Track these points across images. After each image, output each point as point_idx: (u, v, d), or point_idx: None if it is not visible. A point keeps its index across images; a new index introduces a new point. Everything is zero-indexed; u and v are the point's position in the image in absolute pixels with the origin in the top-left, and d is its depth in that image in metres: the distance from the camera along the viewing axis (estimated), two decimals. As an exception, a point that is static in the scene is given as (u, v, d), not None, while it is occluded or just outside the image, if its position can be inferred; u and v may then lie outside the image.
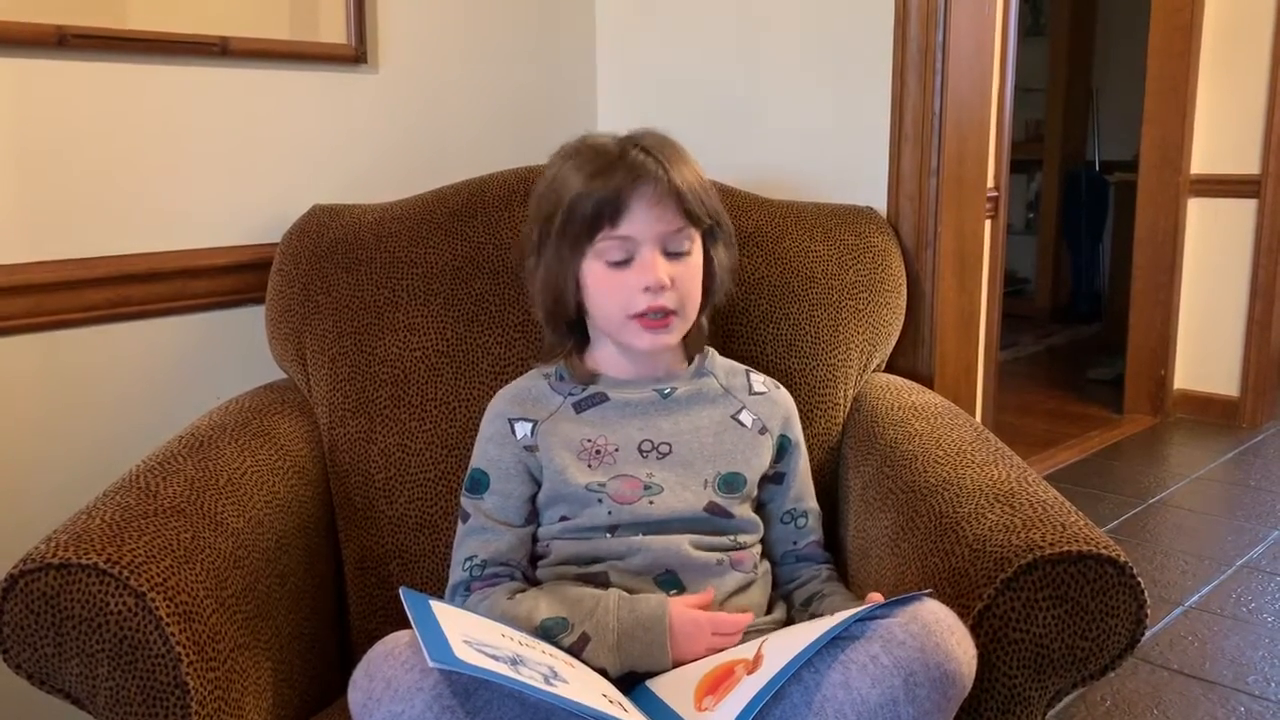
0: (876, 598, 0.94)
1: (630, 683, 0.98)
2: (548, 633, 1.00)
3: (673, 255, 1.09)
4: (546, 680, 0.83)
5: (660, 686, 0.95)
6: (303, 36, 1.54)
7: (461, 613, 0.92)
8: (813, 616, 1.11)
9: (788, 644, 0.87)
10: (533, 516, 1.15)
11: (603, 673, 0.99)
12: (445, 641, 0.82)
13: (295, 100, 1.55)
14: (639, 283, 1.08)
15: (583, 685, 0.87)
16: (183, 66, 1.43)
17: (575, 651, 0.99)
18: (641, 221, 1.07)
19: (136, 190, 1.42)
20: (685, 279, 1.10)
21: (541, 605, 1.04)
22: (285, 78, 1.54)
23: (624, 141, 1.11)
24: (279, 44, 1.51)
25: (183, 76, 1.44)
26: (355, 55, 1.59)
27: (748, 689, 0.84)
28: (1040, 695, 0.96)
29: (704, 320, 1.20)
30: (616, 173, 1.07)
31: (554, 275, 1.12)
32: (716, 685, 0.89)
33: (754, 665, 0.88)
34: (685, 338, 1.17)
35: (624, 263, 1.09)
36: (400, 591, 0.89)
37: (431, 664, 0.78)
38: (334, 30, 1.57)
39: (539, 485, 1.14)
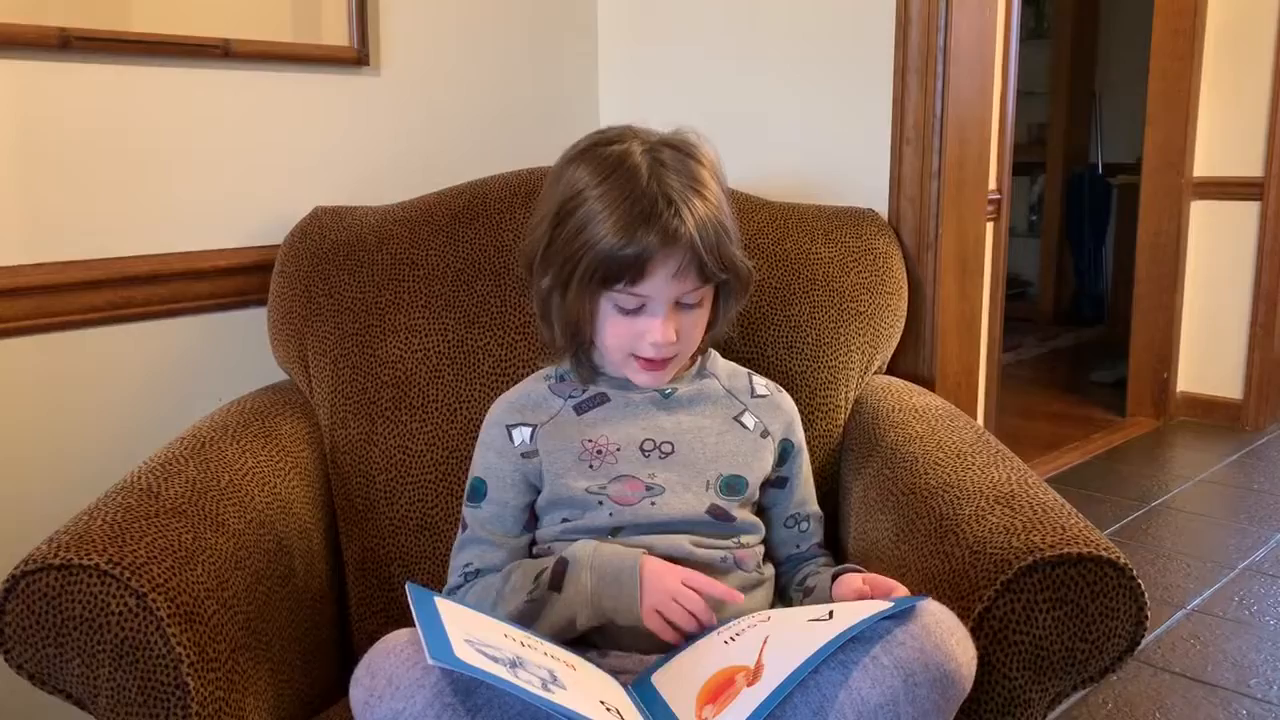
0: (868, 589, 0.96)
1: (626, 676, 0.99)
2: (549, 577, 1.05)
3: (683, 307, 1.09)
4: (545, 685, 0.83)
5: (664, 683, 0.95)
6: (305, 39, 1.54)
7: (466, 610, 0.92)
8: (806, 594, 1.12)
9: (788, 652, 0.86)
10: (531, 524, 1.15)
11: (573, 639, 1.01)
12: (446, 639, 0.82)
13: (298, 102, 1.56)
14: (647, 335, 1.08)
15: (581, 691, 0.87)
16: (185, 68, 1.44)
17: (556, 576, 1.03)
18: (660, 285, 1.06)
19: (139, 192, 1.42)
20: (690, 329, 1.11)
21: (526, 563, 1.09)
22: (287, 80, 1.54)
23: (653, 176, 1.05)
24: (281, 46, 1.51)
25: (185, 78, 1.44)
26: (357, 57, 1.59)
27: (747, 702, 0.84)
28: (1040, 697, 0.96)
29: (716, 339, 1.20)
30: (649, 236, 1.03)
31: (574, 311, 1.10)
32: (717, 694, 0.88)
33: (754, 676, 0.87)
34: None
35: (636, 311, 1.08)
36: (406, 586, 0.89)
37: (430, 661, 0.78)
38: (336, 32, 1.57)
39: (538, 492, 1.14)
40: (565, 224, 1.08)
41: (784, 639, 0.91)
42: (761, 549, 1.16)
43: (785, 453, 1.20)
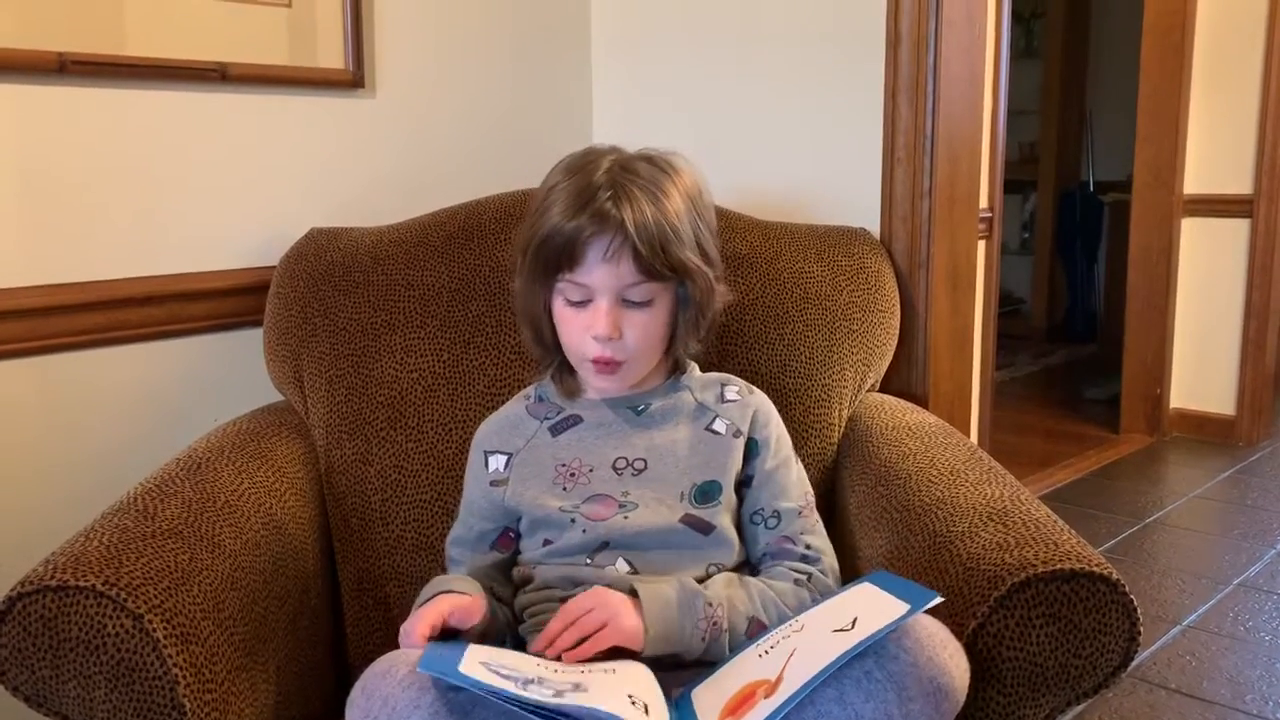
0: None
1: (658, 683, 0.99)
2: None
3: (631, 305, 1.09)
4: (558, 693, 0.83)
5: (700, 698, 0.95)
6: (301, 62, 1.55)
7: (502, 650, 0.93)
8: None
9: (807, 664, 0.87)
10: (503, 544, 1.17)
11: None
12: (445, 660, 0.83)
13: (293, 125, 1.57)
14: (590, 329, 1.09)
15: (605, 690, 0.87)
16: (182, 92, 1.45)
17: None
18: (596, 273, 1.07)
19: (135, 214, 1.43)
20: (639, 329, 1.10)
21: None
22: (284, 103, 1.55)
23: (611, 172, 1.09)
24: (277, 69, 1.52)
25: (182, 102, 1.45)
26: (353, 80, 1.60)
27: (760, 713, 0.85)
28: (1034, 713, 0.96)
29: (681, 353, 1.19)
30: (581, 217, 1.06)
31: (530, 304, 1.14)
32: (738, 707, 0.89)
33: (772, 688, 0.88)
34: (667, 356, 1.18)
35: (583, 303, 1.10)
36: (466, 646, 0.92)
37: (419, 670, 0.81)
38: (332, 55, 1.58)
39: (506, 519, 1.16)
40: (529, 226, 1.13)
41: (807, 650, 0.91)
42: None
43: (751, 449, 1.17)
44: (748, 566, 1.16)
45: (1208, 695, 1.99)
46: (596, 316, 1.08)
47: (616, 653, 0.98)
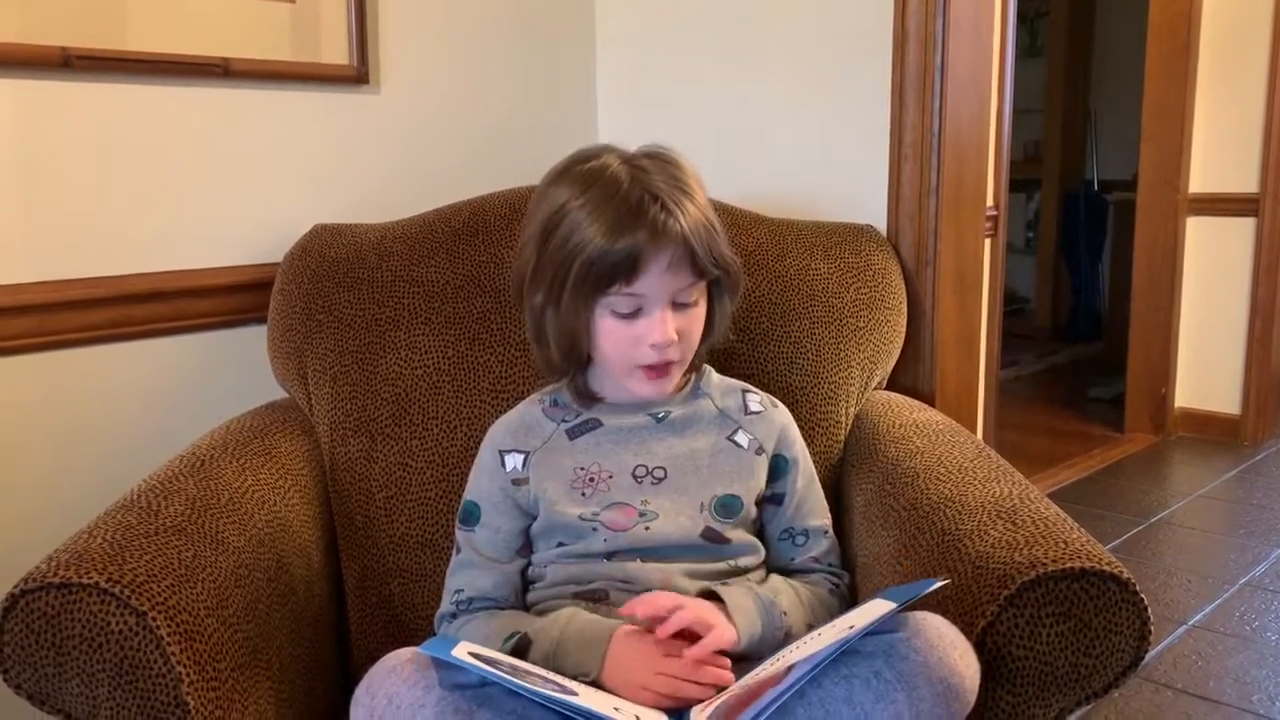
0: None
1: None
2: (512, 648, 1.02)
3: (680, 306, 1.09)
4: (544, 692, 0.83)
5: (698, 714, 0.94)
6: (305, 57, 1.54)
7: (485, 649, 0.92)
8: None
9: (808, 657, 0.86)
10: (525, 550, 1.14)
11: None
12: (445, 645, 0.83)
13: (297, 120, 1.56)
14: (647, 338, 1.07)
15: (594, 700, 0.87)
16: (185, 87, 1.44)
17: (519, 654, 1.01)
18: (656, 282, 1.05)
19: (139, 210, 1.42)
20: (690, 329, 1.10)
21: (509, 623, 1.07)
22: (287, 98, 1.54)
23: (635, 181, 1.06)
24: (281, 65, 1.52)
25: (185, 97, 1.45)
26: (357, 76, 1.60)
27: (754, 709, 0.84)
28: (1044, 713, 0.96)
29: (708, 347, 1.18)
30: (637, 232, 1.03)
31: (569, 323, 1.09)
32: (741, 707, 0.88)
33: (777, 682, 0.87)
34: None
35: (633, 314, 1.07)
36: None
37: (421, 651, 0.81)
38: (336, 51, 1.58)
39: (531, 518, 1.14)
40: (551, 239, 1.08)
41: (804, 654, 0.90)
42: (761, 572, 1.14)
43: (778, 468, 1.18)
44: (767, 571, 1.17)
45: (1214, 695, 1.98)
46: (653, 325, 1.06)
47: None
